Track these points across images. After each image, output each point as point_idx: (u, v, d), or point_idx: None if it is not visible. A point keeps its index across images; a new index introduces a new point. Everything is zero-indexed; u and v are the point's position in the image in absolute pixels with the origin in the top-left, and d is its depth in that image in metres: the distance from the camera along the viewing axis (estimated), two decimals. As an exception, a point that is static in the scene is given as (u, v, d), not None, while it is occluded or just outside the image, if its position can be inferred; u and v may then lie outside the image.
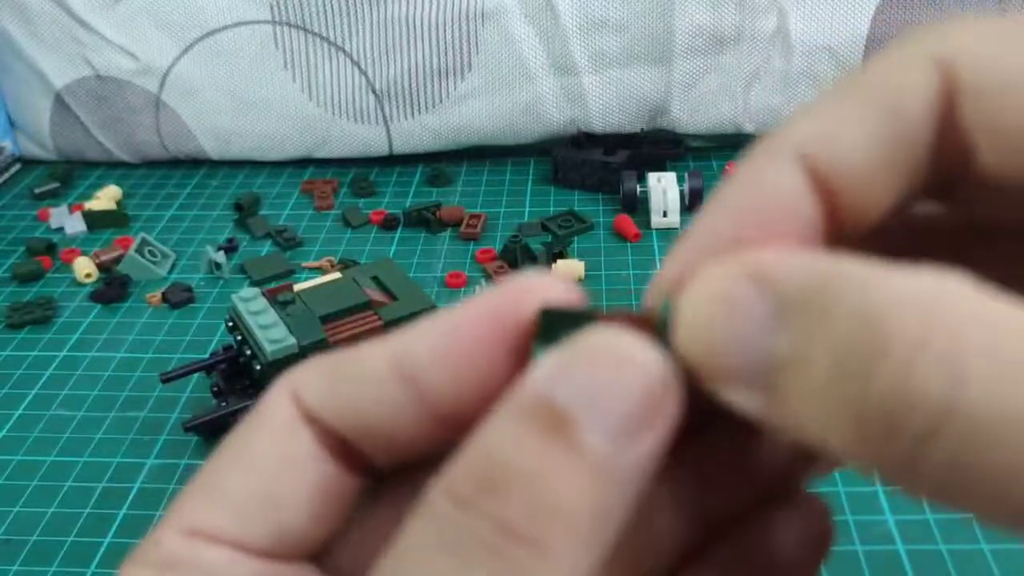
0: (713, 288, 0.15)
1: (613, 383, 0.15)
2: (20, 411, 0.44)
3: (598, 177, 0.61)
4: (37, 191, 0.65)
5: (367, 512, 0.19)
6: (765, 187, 0.16)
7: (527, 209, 0.60)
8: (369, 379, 0.18)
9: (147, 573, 0.17)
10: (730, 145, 0.66)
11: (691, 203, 0.57)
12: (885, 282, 0.14)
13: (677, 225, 0.56)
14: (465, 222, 0.58)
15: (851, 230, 0.17)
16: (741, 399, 0.15)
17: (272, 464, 0.18)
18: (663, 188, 0.56)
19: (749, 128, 0.64)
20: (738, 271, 0.15)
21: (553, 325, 0.17)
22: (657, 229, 0.56)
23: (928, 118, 0.16)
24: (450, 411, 0.17)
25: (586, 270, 0.52)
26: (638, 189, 0.58)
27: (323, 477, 0.18)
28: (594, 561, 0.15)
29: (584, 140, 0.64)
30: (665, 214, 0.56)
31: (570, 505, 0.14)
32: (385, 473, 0.19)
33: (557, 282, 0.17)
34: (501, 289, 0.17)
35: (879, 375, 0.13)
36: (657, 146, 0.63)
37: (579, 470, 0.14)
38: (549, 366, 0.15)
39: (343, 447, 0.18)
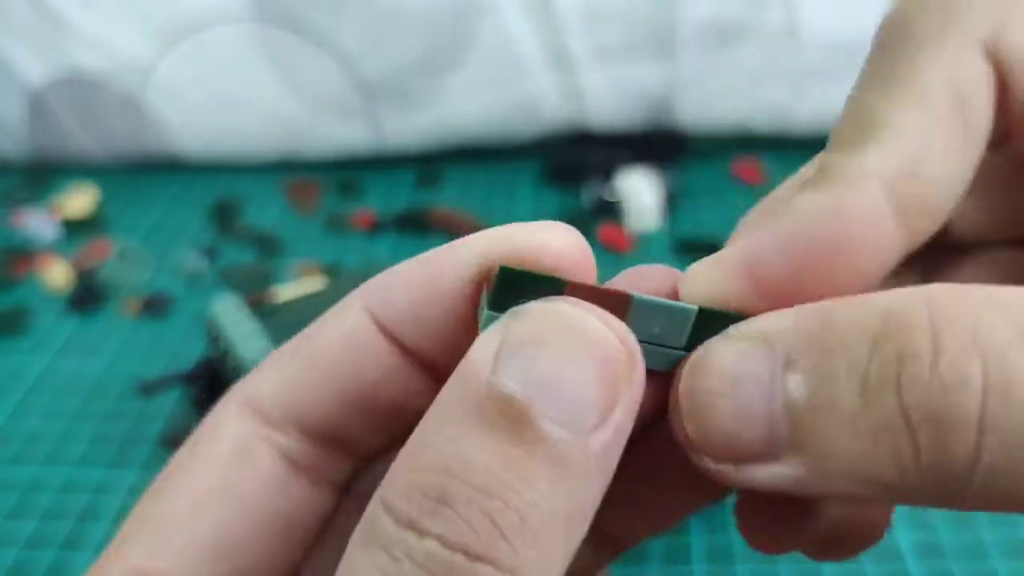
0: (704, 365, 0.15)
1: (571, 364, 0.14)
2: (-7, 424, 0.45)
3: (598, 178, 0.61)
4: (11, 195, 0.66)
5: (341, 522, 0.18)
6: (842, 223, 0.15)
7: (523, 211, 0.61)
8: (343, 344, 0.17)
9: None
10: (735, 144, 0.66)
11: (665, 204, 0.57)
12: (874, 298, 0.14)
13: (654, 228, 0.57)
14: (458, 225, 0.58)
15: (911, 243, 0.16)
16: (769, 476, 0.14)
17: (220, 499, 0.17)
18: (638, 190, 0.57)
19: (757, 125, 0.64)
20: (733, 337, 0.15)
21: (510, 288, 0.16)
22: (634, 233, 0.57)
23: (990, 113, 0.16)
24: (435, 362, 0.17)
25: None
26: (607, 193, 0.58)
27: (281, 505, 0.17)
28: (565, 565, 0.14)
29: (583, 139, 0.64)
30: (642, 217, 0.57)
31: (538, 513, 0.13)
32: (365, 462, 0.18)
33: (559, 232, 0.17)
34: (490, 234, 0.16)
35: (911, 377, 0.12)
36: (658, 145, 0.64)
37: (543, 470, 0.13)
38: (494, 345, 0.14)
39: (321, 444, 0.18)
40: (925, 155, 0.16)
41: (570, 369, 0.14)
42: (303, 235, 0.59)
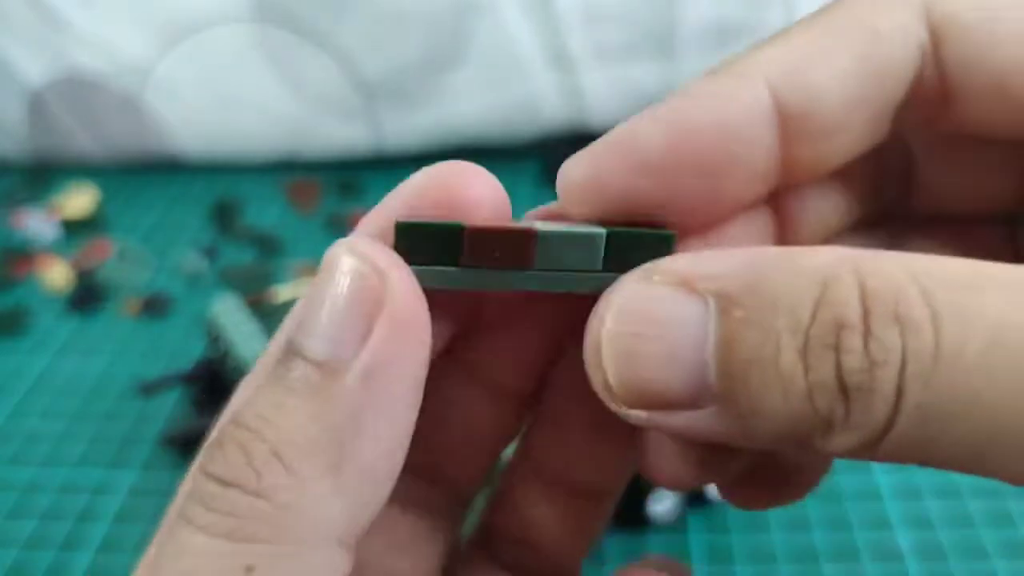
0: (630, 309, 0.15)
1: (315, 296, 0.15)
2: (-7, 424, 0.44)
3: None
4: (11, 195, 0.66)
5: None
6: (721, 105, 0.16)
7: (522, 212, 0.61)
8: None
9: None
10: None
11: None
12: (807, 258, 0.14)
13: None
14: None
15: (805, 175, 0.17)
16: (686, 422, 0.14)
17: None
18: None
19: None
20: (656, 281, 0.15)
21: (410, 243, 0.16)
22: None
23: (908, 62, 0.16)
24: None
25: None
26: None
27: None
28: (345, 494, 0.14)
29: (583, 139, 0.64)
30: None
31: (288, 441, 0.14)
32: None
33: (469, 175, 0.17)
34: (419, 178, 0.17)
35: (848, 347, 0.13)
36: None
37: (294, 400, 0.14)
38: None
39: None
40: (814, 64, 0.16)
41: (313, 300, 0.15)
42: (303, 235, 0.59)
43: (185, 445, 0.41)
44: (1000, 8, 0.16)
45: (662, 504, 0.36)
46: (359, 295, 0.14)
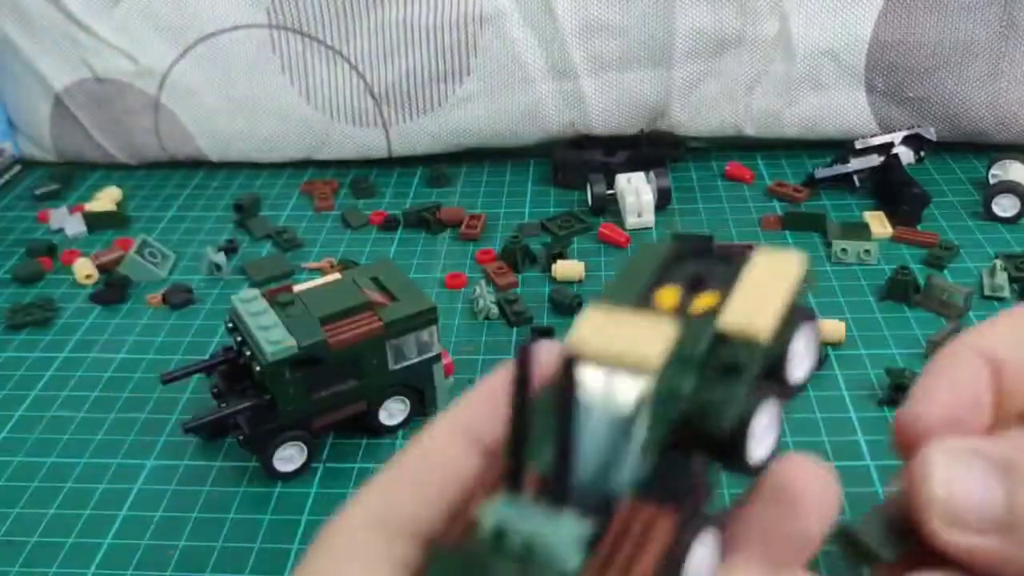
0: (948, 461, 0.20)
1: None
2: (20, 412, 0.45)
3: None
4: (37, 192, 0.66)
5: None
6: (962, 383, 0.22)
7: (527, 210, 0.61)
8: (441, 461, 0.19)
9: None
10: (730, 146, 0.66)
11: (659, 202, 0.58)
12: None
13: (652, 225, 0.58)
14: (465, 223, 0.59)
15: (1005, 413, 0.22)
16: (975, 543, 0.19)
17: None
18: (635, 189, 0.58)
19: (749, 131, 0.65)
20: (964, 449, 0.20)
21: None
22: (632, 230, 0.57)
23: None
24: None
25: (586, 270, 0.53)
26: (607, 192, 0.59)
27: None
28: None
29: (584, 141, 0.65)
30: (640, 215, 0.57)
31: None
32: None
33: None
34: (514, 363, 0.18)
35: None
36: (656, 147, 0.64)
37: None
38: None
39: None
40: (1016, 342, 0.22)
41: None
42: (319, 231, 0.60)
43: (204, 433, 0.41)
44: None
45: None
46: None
